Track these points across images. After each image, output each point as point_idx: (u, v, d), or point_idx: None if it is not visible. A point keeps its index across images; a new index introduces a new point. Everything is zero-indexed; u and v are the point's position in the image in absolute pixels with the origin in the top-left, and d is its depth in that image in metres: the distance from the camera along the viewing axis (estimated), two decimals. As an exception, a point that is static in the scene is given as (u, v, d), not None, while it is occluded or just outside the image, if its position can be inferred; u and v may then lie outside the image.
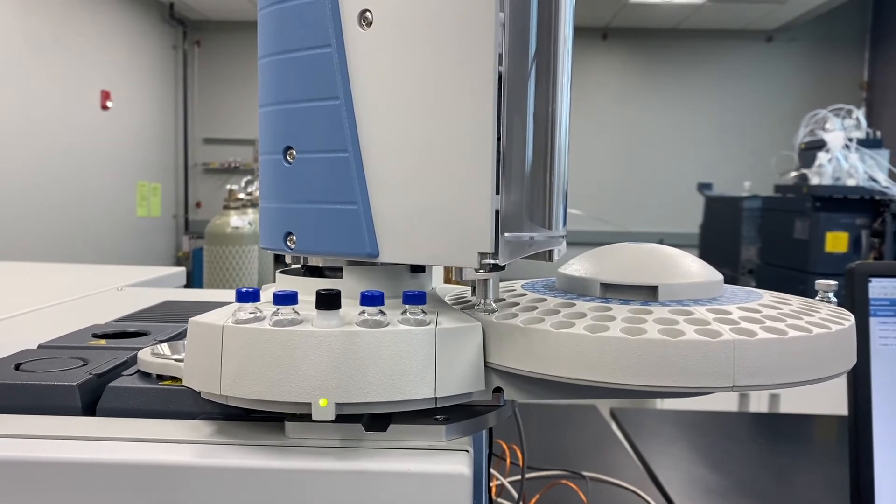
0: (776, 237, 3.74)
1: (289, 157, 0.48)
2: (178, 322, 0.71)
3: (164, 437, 0.43)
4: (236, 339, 0.41)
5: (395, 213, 0.45)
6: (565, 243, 0.53)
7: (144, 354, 0.52)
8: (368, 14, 0.44)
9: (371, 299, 0.42)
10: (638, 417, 1.38)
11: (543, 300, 0.48)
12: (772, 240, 3.82)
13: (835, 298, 0.52)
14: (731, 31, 6.32)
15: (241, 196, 3.31)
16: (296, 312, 0.42)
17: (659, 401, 1.74)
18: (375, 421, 0.44)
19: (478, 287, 0.47)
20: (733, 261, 4.04)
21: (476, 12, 0.42)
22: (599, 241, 0.59)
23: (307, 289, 0.45)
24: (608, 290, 0.48)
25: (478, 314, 0.46)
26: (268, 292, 0.45)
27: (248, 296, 0.43)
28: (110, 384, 0.49)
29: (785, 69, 6.40)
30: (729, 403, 1.88)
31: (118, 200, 5.40)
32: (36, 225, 4.36)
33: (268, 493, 0.40)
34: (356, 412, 0.41)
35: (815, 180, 3.37)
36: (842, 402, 0.69)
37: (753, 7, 5.64)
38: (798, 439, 1.31)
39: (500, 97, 0.43)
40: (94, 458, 0.41)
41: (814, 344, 0.42)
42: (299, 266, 0.52)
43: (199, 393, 0.44)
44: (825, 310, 0.48)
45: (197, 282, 5.41)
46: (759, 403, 1.94)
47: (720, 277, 0.51)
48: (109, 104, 5.19)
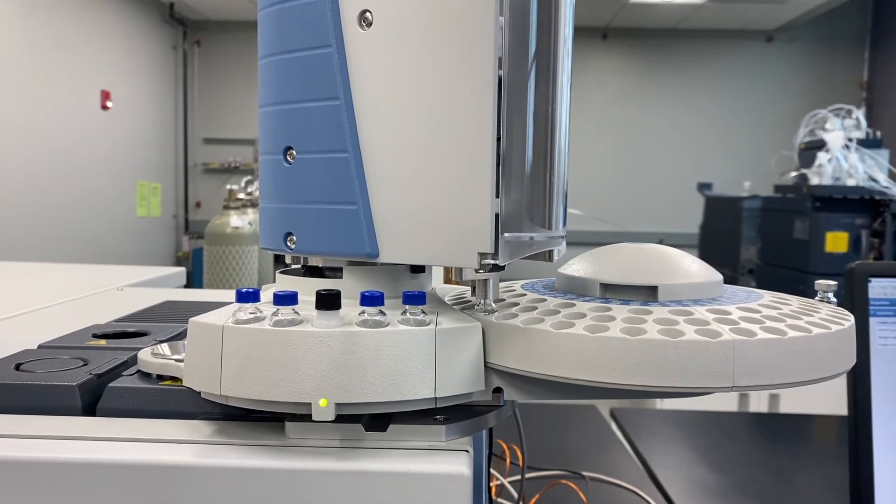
0: (776, 237, 3.74)
1: (289, 158, 0.48)
2: (178, 322, 0.71)
3: (165, 438, 0.43)
4: (236, 339, 0.41)
5: (395, 214, 0.45)
6: (565, 243, 0.53)
7: (144, 354, 0.52)
8: (368, 14, 0.44)
9: (371, 299, 0.42)
10: (638, 417, 1.38)
11: (543, 300, 0.48)
12: (772, 240, 3.82)
13: (834, 298, 0.52)
14: (731, 31, 6.32)
15: (241, 196, 3.31)
16: (296, 313, 0.42)
17: (659, 401, 1.74)
18: (375, 421, 0.44)
19: (478, 287, 0.47)
20: (733, 261, 4.04)
21: (476, 13, 0.42)
22: (599, 241, 0.59)
23: (307, 289, 0.45)
24: (608, 291, 0.48)
25: (478, 314, 0.46)
26: (268, 292, 0.45)
27: (248, 296, 0.43)
28: (110, 384, 0.49)
29: (785, 69, 6.40)
30: (729, 403, 1.88)
31: (118, 200, 5.40)
32: (36, 225, 4.36)
33: (268, 493, 0.40)
34: (356, 412, 0.41)
35: (815, 180, 3.37)
36: (842, 402, 0.69)
37: (753, 7, 5.64)
38: (798, 439, 1.31)
39: (500, 97, 0.43)
40: (94, 458, 0.41)
41: (813, 344, 0.42)
42: (299, 266, 0.52)
43: (199, 393, 0.44)
44: (825, 310, 0.48)
45: (197, 282, 5.41)
46: (758, 403, 1.94)
47: (720, 278, 0.51)
48: (109, 104, 5.19)
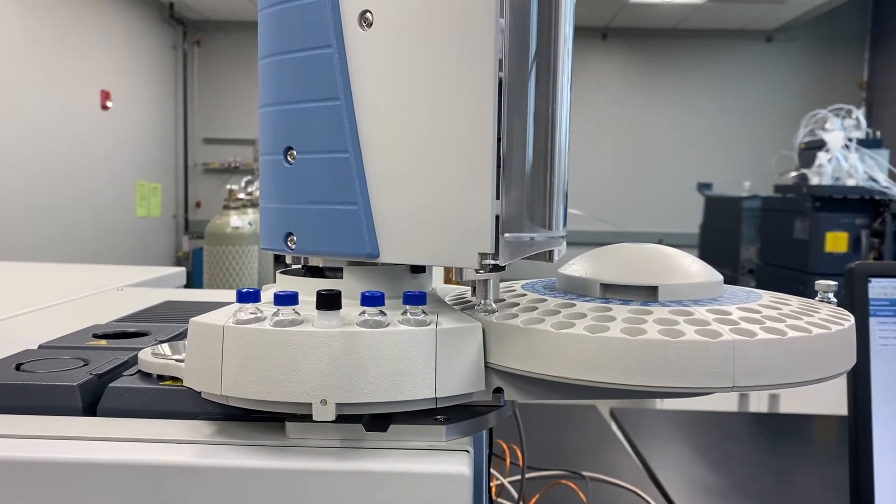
0: (776, 237, 3.74)
1: (289, 158, 0.48)
2: (178, 322, 0.71)
3: (165, 438, 0.43)
4: (237, 339, 0.41)
5: (395, 214, 0.45)
6: (565, 244, 0.53)
7: (145, 355, 0.52)
8: (369, 15, 0.44)
9: (371, 300, 0.42)
10: (638, 417, 1.38)
11: (543, 300, 0.48)
12: (772, 240, 3.82)
13: (834, 299, 0.52)
14: (731, 31, 6.32)
15: (241, 196, 3.31)
16: (296, 313, 0.42)
17: (659, 401, 1.74)
18: (376, 421, 0.44)
19: (478, 287, 0.47)
20: (733, 261, 4.04)
21: (476, 13, 0.42)
22: (599, 242, 0.59)
23: (308, 289, 0.45)
24: (608, 291, 0.48)
25: (478, 314, 0.46)
26: (268, 293, 0.45)
27: (249, 296, 0.43)
28: (111, 384, 0.49)
29: (785, 69, 6.40)
30: (729, 403, 1.87)
31: (118, 200, 5.40)
32: (36, 225, 4.36)
33: (268, 493, 0.40)
34: (357, 412, 0.41)
35: (814, 180, 3.37)
36: (842, 402, 0.69)
37: (753, 7, 5.64)
38: (798, 439, 1.31)
39: (501, 98, 0.43)
40: (94, 458, 0.41)
41: (813, 344, 0.42)
42: (300, 266, 0.52)
43: (199, 393, 0.44)
44: (825, 310, 0.48)
45: (197, 282, 5.41)
46: (758, 403, 1.94)
47: (720, 278, 0.51)
48: (109, 104, 5.19)
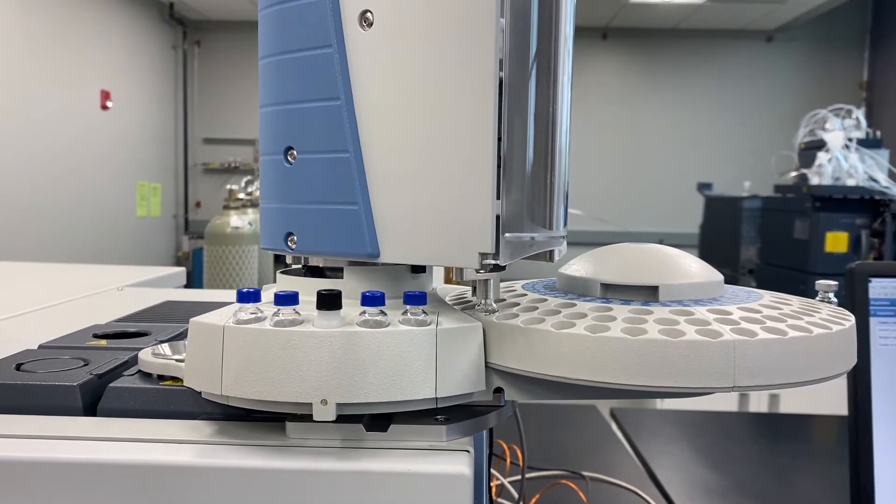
0: (776, 237, 3.74)
1: (290, 158, 0.48)
2: (178, 322, 0.71)
3: (165, 438, 0.43)
4: (237, 339, 0.41)
5: (395, 214, 0.45)
6: (566, 243, 0.53)
7: (145, 355, 0.52)
8: (369, 14, 0.44)
9: (372, 299, 0.42)
10: (638, 417, 1.38)
11: (544, 300, 0.48)
12: (772, 240, 3.82)
13: (835, 299, 0.52)
14: (731, 31, 6.32)
15: (241, 196, 3.31)
16: (297, 313, 0.42)
17: (659, 401, 1.74)
18: (376, 421, 0.44)
19: (478, 287, 0.47)
20: (733, 261, 4.04)
21: (477, 13, 0.42)
22: (600, 242, 0.59)
23: (308, 289, 0.45)
24: (609, 291, 0.48)
25: (478, 314, 0.46)
26: (269, 293, 0.45)
27: (249, 296, 0.43)
28: (111, 384, 0.49)
29: (785, 69, 6.40)
30: (729, 403, 1.88)
31: (118, 200, 5.40)
32: (36, 225, 4.36)
33: (269, 493, 0.40)
34: (357, 412, 0.41)
35: (814, 180, 3.37)
36: (842, 402, 0.69)
37: (753, 7, 5.64)
38: (798, 439, 1.31)
39: (501, 98, 0.43)
40: (94, 458, 0.41)
41: (814, 344, 0.42)
42: (300, 266, 0.52)
43: (199, 393, 0.44)
44: (825, 310, 0.48)
45: (197, 282, 5.41)
46: (759, 403, 1.94)
47: (720, 278, 0.51)
48: (109, 104, 5.19)
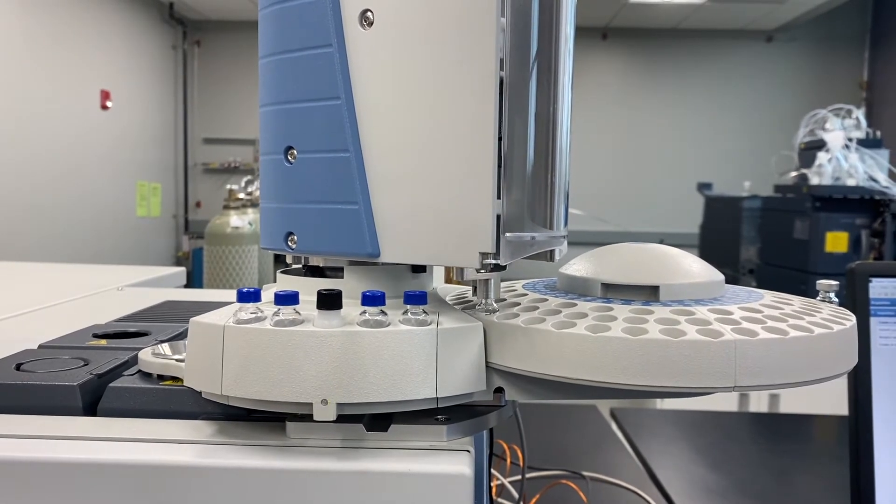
0: (776, 237, 3.74)
1: (290, 157, 0.48)
2: (178, 322, 0.71)
3: (165, 438, 0.43)
4: (237, 339, 0.41)
5: (396, 213, 0.45)
6: (566, 243, 0.53)
7: (145, 354, 0.52)
8: (369, 14, 0.44)
9: (372, 299, 0.42)
10: (638, 417, 1.38)
11: (545, 300, 0.48)
12: (772, 240, 3.82)
13: (836, 298, 0.52)
14: (731, 31, 6.32)
15: (241, 196, 3.31)
16: (297, 312, 0.42)
17: (659, 401, 1.74)
18: (377, 421, 0.44)
19: (479, 287, 0.47)
20: (733, 261, 4.03)
21: (477, 13, 0.42)
22: (600, 241, 0.59)
23: (308, 289, 0.45)
24: (609, 290, 0.48)
25: (479, 314, 0.46)
26: (269, 292, 0.45)
27: (250, 296, 0.43)
28: (111, 384, 0.49)
29: (785, 69, 6.40)
30: (729, 403, 1.88)
31: (118, 200, 5.40)
32: (36, 225, 4.36)
33: (269, 493, 0.40)
34: (357, 412, 0.41)
35: (815, 180, 3.37)
36: (842, 402, 0.69)
37: (753, 7, 5.64)
38: (798, 439, 1.31)
39: (502, 97, 0.43)
40: (94, 458, 0.41)
41: (815, 344, 0.42)
42: (300, 266, 0.52)
43: (200, 393, 0.44)
44: (826, 310, 0.48)
45: (197, 282, 5.41)
46: (759, 403, 1.94)
47: (721, 277, 0.50)
48: (109, 104, 5.18)
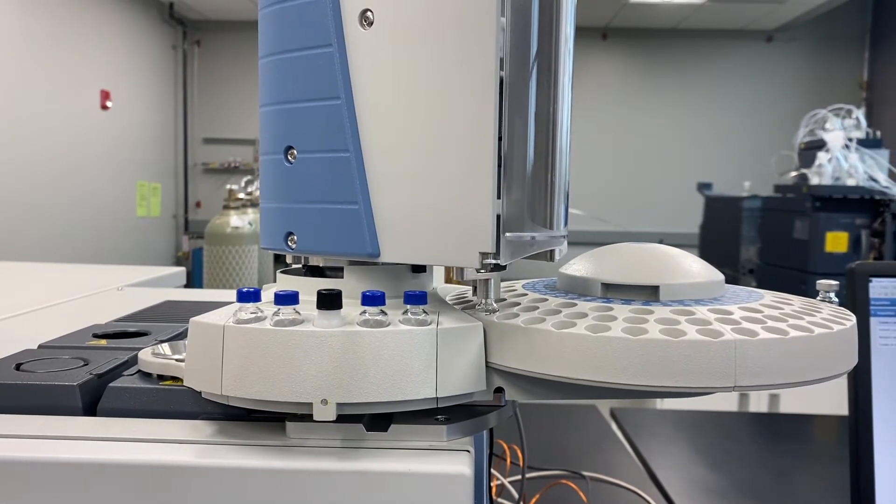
0: (776, 237, 3.74)
1: (290, 157, 0.48)
2: (178, 322, 0.71)
3: (165, 438, 0.43)
4: (237, 339, 0.41)
5: (396, 213, 0.45)
6: (566, 243, 0.53)
7: (145, 354, 0.52)
8: (369, 14, 0.44)
9: (372, 299, 0.42)
10: (638, 417, 1.37)
11: (545, 300, 0.48)
12: (772, 240, 3.82)
13: (836, 298, 0.52)
14: (731, 31, 6.32)
15: (241, 196, 3.31)
16: (297, 312, 0.42)
17: (659, 401, 1.74)
18: (376, 421, 0.44)
19: (479, 287, 0.47)
20: (733, 261, 4.03)
21: (477, 13, 0.42)
22: (600, 241, 0.59)
23: (308, 289, 0.45)
24: (609, 290, 0.48)
25: (479, 314, 0.46)
26: (269, 292, 0.45)
27: (249, 296, 0.43)
28: (111, 384, 0.49)
29: (785, 69, 6.40)
30: (729, 403, 1.88)
31: (118, 200, 5.40)
32: (36, 225, 4.36)
33: (269, 493, 0.40)
34: (357, 412, 0.41)
35: (814, 180, 3.37)
36: (842, 402, 0.69)
37: (753, 7, 5.64)
38: (798, 439, 1.31)
39: (502, 97, 0.43)
40: (94, 458, 0.41)
41: (815, 344, 0.42)
42: (300, 266, 0.52)
43: (199, 393, 0.44)
44: (826, 310, 0.48)
45: (197, 282, 5.41)
46: (759, 403, 1.94)
47: (721, 277, 0.50)
48: (109, 104, 5.18)
